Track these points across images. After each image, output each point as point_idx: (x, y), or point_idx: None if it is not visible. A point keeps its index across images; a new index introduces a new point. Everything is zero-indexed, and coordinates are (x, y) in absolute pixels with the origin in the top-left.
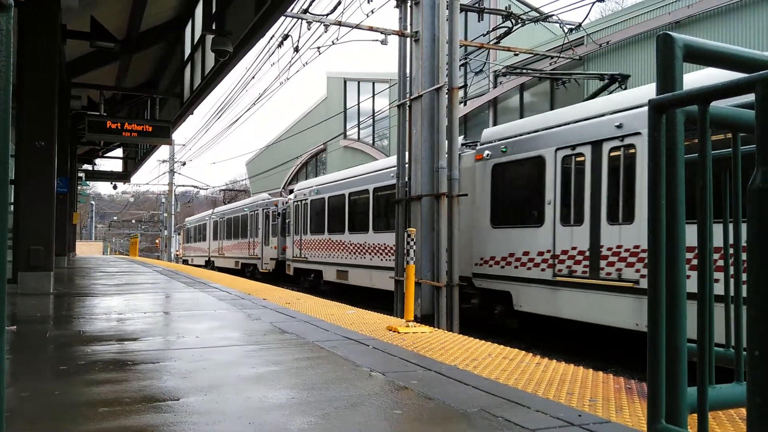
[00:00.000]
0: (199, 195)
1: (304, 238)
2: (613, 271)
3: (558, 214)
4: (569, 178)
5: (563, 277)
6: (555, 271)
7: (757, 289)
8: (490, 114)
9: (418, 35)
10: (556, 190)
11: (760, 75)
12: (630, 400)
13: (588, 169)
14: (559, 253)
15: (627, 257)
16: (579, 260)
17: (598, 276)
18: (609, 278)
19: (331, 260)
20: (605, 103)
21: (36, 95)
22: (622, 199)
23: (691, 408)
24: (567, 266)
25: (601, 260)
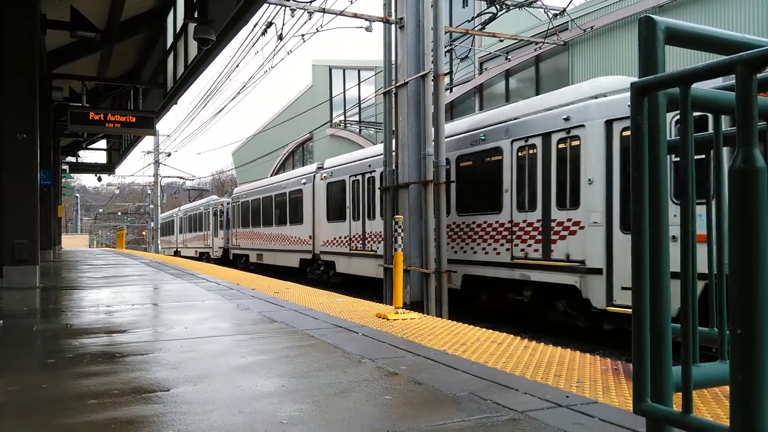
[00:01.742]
0: (186, 186)
1: (237, 231)
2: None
3: (513, 200)
4: (524, 169)
5: (519, 259)
6: (514, 253)
7: (739, 268)
8: (476, 100)
9: (403, 22)
10: (513, 179)
11: (740, 56)
12: (617, 381)
13: (539, 159)
14: (515, 238)
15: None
16: (530, 243)
17: (550, 257)
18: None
19: (252, 247)
20: (554, 97)
21: (16, 87)
22: (570, 187)
23: (676, 387)
24: (521, 249)
25: (549, 243)
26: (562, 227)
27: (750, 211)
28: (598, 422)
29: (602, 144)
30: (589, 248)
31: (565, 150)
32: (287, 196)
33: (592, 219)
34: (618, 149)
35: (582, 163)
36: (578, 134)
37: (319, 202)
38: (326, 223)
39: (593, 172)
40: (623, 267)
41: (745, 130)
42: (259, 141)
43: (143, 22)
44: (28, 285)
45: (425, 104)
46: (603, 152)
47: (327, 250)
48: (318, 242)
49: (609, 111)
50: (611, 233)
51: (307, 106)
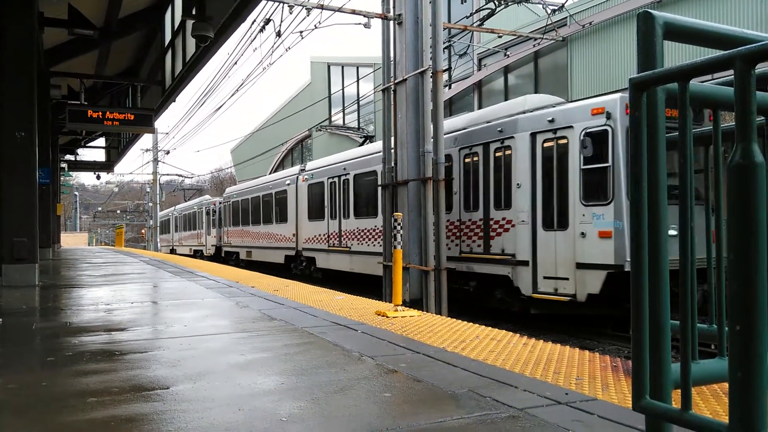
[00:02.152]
0: (185, 184)
1: (228, 230)
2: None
3: (461, 202)
4: (469, 174)
5: (466, 254)
6: (462, 249)
7: (738, 264)
8: (474, 97)
9: (401, 18)
10: (460, 183)
11: (738, 51)
12: (616, 378)
13: (481, 166)
14: (462, 235)
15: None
16: (474, 240)
17: (489, 252)
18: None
19: (242, 244)
20: (493, 111)
21: (14, 85)
22: (504, 191)
23: (675, 384)
24: (467, 245)
25: (489, 239)
26: (498, 225)
27: (748, 207)
28: (598, 419)
29: (528, 153)
30: (518, 243)
31: (500, 158)
32: (273, 197)
33: (521, 218)
34: (540, 158)
35: (513, 170)
36: (510, 144)
37: (301, 202)
38: (308, 221)
39: (521, 177)
40: (545, 259)
41: (744, 125)
42: (258, 139)
43: (141, 19)
44: (27, 283)
45: (424, 101)
46: (529, 160)
47: (308, 247)
48: (301, 239)
49: (533, 125)
50: (536, 230)
51: (305, 104)
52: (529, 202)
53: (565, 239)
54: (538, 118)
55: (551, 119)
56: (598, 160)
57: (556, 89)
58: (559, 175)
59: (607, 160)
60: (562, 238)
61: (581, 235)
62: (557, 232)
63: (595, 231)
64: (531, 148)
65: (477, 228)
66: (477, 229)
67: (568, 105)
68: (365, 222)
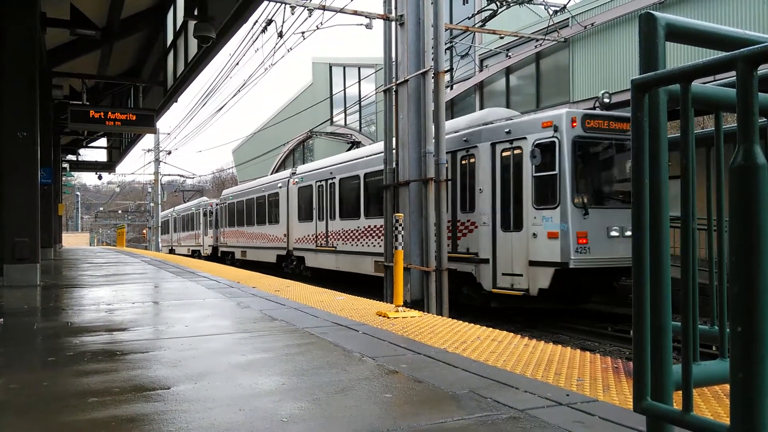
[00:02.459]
0: (186, 184)
1: (224, 230)
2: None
3: None
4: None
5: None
6: None
7: (740, 266)
8: (476, 98)
9: (403, 19)
10: None
11: (741, 52)
12: (617, 379)
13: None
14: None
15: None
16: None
17: (457, 251)
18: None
19: (238, 245)
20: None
21: (16, 86)
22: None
23: (677, 385)
24: None
25: (457, 240)
26: (464, 227)
27: (750, 208)
28: (599, 420)
29: (489, 161)
30: (480, 243)
31: (465, 165)
32: (266, 199)
33: (483, 220)
34: (499, 166)
35: (476, 176)
36: (474, 153)
37: (292, 205)
38: (298, 222)
39: (483, 183)
40: (503, 258)
41: (746, 126)
42: (260, 139)
43: (143, 19)
44: (29, 283)
45: (426, 102)
46: (489, 168)
47: (298, 247)
48: (291, 240)
49: (493, 135)
50: (495, 231)
51: (307, 104)
52: (490, 205)
53: (520, 239)
54: (498, 129)
55: (508, 131)
56: (547, 169)
57: (557, 90)
58: (515, 182)
59: (554, 169)
60: (517, 239)
61: (533, 235)
62: (513, 233)
63: (544, 232)
64: (491, 157)
65: (447, 229)
66: (447, 230)
67: (522, 118)
68: (349, 223)
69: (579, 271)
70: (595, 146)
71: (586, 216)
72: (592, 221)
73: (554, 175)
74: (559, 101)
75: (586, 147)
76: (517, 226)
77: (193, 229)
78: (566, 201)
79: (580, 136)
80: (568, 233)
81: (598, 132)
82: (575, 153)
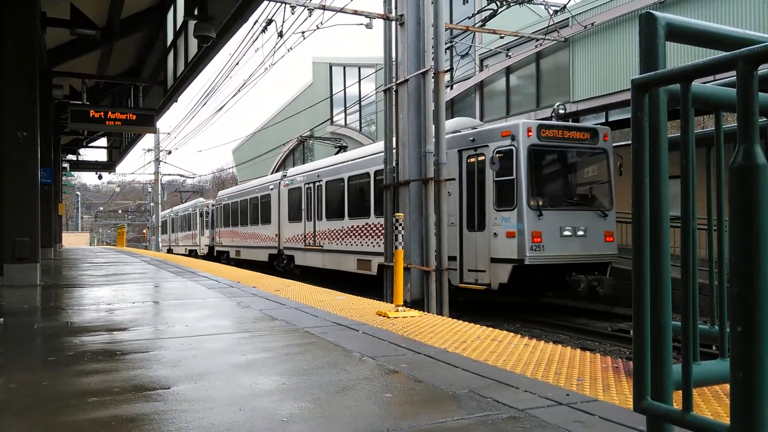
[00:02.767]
0: (186, 184)
1: (220, 230)
2: None
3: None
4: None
5: None
6: None
7: (740, 265)
8: (476, 98)
9: (403, 18)
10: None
11: (741, 52)
12: (617, 379)
13: None
14: None
15: None
16: None
17: None
18: None
19: (232, 244)
20: None
21: (16, 85)
22: None
23: (677, 385)
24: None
25: None
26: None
27: (750, 208)
28: (599, 420)
29: (456, 166)
30: (449, 242)
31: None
32: (259, 200)
33: (451, 221)
34: (465, 171)
35: None
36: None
37: (282, 206)
38: (288, 223)
39: (451, 187)
40: (469, 255)
41: (746, 126)
42: (260, 138)
43: (143, 19)
44: (29, 283)
45: (426, 101)
46: (457, 172)
47: (289, 246)
48: (282, 239)
49: (459, 143)
50: (462, 231)
51: (307, 104)
52: (457, 207)
53: (483, 238)
54: (464, 137)
55: (473, 139)
56: (506, 174)
57: (558, 90)
58: (479, 186)
59: (512, 174)
60: (481, 238)
61: (494, 235)
62: (477, 233)
63: (504, 231)
64: (459, 163)
65: None
66: None
67: (485, 127)
68: (335, 224)
69: (534, 267)
70: (549, 153)
71: (541, 217)
72: (545, 222)
73: (512, 180)
74: (559, 101)
75: (541, 154)
76: (480, 226)
77: (190, 230)
78: (522, 203)
79: (535, 144)
80: (524, 232)
81: (552, 140)
82: (530, 160)
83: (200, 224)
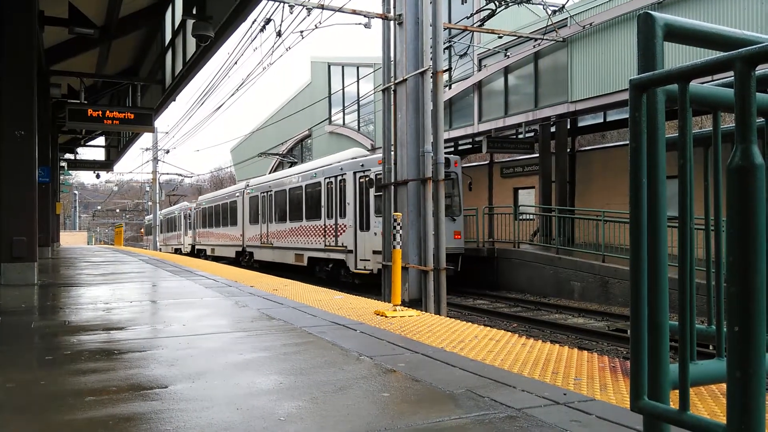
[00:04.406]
0: (184, 183)
1: (199, 231)
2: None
3: (325, 213)
4: (329, 194)
5: (328, 246)
6: (325, 243)
7: (737, 266)
8: (474, 97)
9: (402, 18)
10: (325, 200)
11: (739, 52)
12: (614, 378)
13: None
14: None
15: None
16: (331, 237)
17: (336, 244)
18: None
19: (209, 243)
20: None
21: (14, 84)
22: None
23: (674, 384)
24: (327, 241)
25: (337, 237)
26: (341, 228)
27: (748, 209)
28: (596, 419)
29: (353, 184)
30: (348, 239)
31: (342, 186)
32: (228, 206)
33: (349, 224)
34: (357, 188)
35: (346, 194)
36: (345, 178)
37: (245, 211)
38: (249, 225)
39: (350, 198)
40: (360, 249)
41: (744, 127)
42: (258, 138)
43: (141, 18)
44: (26, 282)
45: (424, 101)
46: (353, 188)
47: (250, 244)
48: (246, 239)
49: (354, 167)
50: (356, 231)
51: (305, 103)
52: (354, 213)
53: (368, 236)
54: (357, 163)
55: (362, 165)
56: (380, 190)
57: (556, 90)
58: (366, 198)
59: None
60: (367, 236)
61: (374, 234)
62: (365, 232)
63: (380, 231)
64: (354, 182)
65: (332, 229)
66: (332, 230)
67: (369, 156)
68: (281, 226)
69: None
70: None
71: None
72: None
73: None
74: (557, 101)
75: None
76: (366, 227)
77: (176, 230)
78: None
79: None
80: None
81: None
82: None
83: (184, 225)
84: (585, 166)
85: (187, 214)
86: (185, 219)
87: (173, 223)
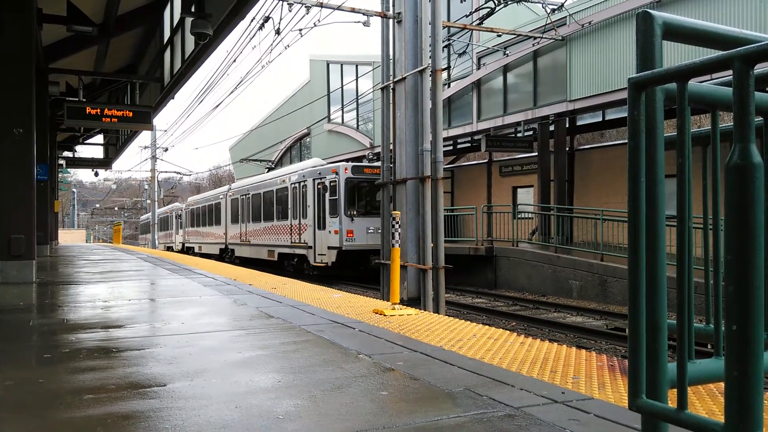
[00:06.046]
0: (183, 181)
1: (188, 230)
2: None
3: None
4: (294, 198)
5: (294, 243)
6: (291, 240)
7: (735, 265)
8: (473, 96)
9: (401, 16)
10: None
11: (737, 51)
12: (612, 377)
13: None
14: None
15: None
16: (296, 235)
17: (300, 241)
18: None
19: (197, 241)
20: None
21: (12, 82)
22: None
23: (672, 383)
24: (293, 238)
25: (300, 235)
26: (303, 227)
27: (746, 208)
28: (594, 418)
29: (312, 190)
30: (308, 237)
31: (303, 191)
32: (213, 207)
33: (309, 223)
34: (316, 193)
35: (307, 198)
36: (306, 184)
37: (228, 211)
38: (231, 224)
39: (310, 202)
40: (318, 245)
41: (742, 126)
42: (257, 136)
43: (140, 16)
44: (25, 280)
45: (423, 99)
46: (312, 193)
47: (231, 242)
48: (228, 237)
49: (313, 174)
50: (315, 230)
51: (304, 102)
52: (313, 214)
53: (325, 234)
54: (315, 171)
55: (319, 173)
56: (333, 195)
57: (555, 88)
58: (322, 202)
59: (336, 195)
60: (323, 234)
61: (329, 232)
62: (322, 231)
63: (333, 230)
64: (313, 187)
65: (296, 228)
66: (296, 229)
67: (325, 166)
68: (257, 225)
69: (348, 251)
70: (359, 183)
71: (353, 221)
72: (356, 224)
73: (336, 199)
74: (556, 99)
75: (353, 183)
76: (323, 226)
77: (169, 229)
78: (341, 213)
79: (349, 177)
80: (342, 230)
81: (361, 175)
82: (347, 187)
83: (175, 225)
84: (584, 165)
85: (178, 214)
86: (176, 219)
87: (166, 222)
